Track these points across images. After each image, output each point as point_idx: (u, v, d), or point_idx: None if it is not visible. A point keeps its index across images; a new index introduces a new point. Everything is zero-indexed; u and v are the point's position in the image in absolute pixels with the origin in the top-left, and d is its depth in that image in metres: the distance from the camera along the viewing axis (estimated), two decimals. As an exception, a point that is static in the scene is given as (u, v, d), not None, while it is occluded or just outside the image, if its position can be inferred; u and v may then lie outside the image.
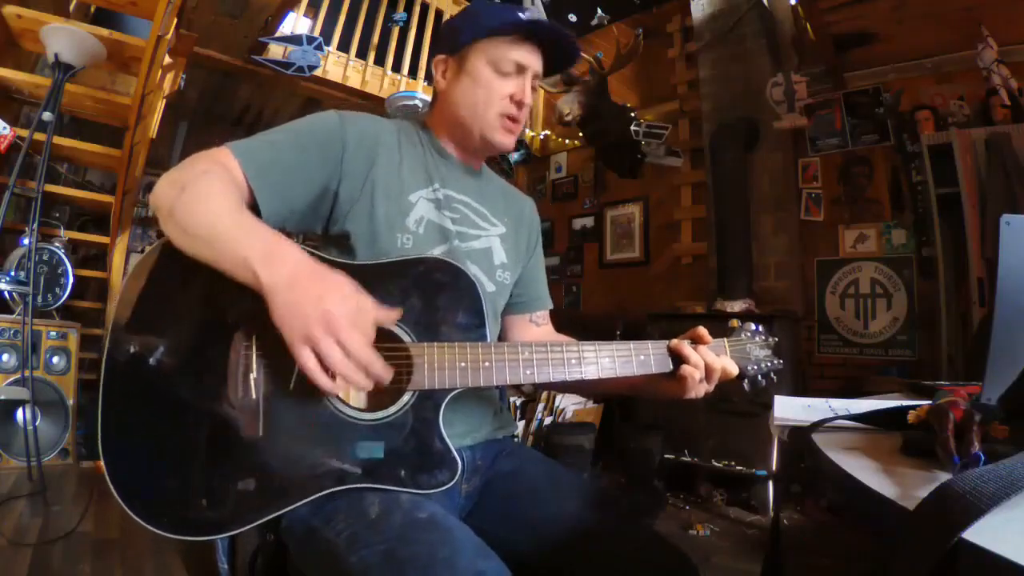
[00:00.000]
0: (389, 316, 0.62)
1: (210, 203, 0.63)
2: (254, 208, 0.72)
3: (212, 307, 0.65)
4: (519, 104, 0.84)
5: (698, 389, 0.79)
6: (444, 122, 0.90)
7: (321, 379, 0.57)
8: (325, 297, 0.57)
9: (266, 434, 0.63)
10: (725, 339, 0.86)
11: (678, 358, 0.79)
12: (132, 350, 0.63)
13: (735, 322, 0.90)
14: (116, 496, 0.58)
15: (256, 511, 0.62)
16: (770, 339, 0.90)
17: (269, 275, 0.57)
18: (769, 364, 0.87)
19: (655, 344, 0.79)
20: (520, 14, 0.83)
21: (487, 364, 0.69)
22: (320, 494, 0.64)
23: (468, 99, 0.85)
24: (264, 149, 0.73)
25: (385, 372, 0.59)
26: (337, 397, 0.66)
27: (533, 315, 1.01)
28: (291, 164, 0.74)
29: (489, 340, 0.74)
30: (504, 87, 0.83)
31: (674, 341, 0.80)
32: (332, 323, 0.56)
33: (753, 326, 0.90)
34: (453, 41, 0.87)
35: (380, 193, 0.79)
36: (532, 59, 0.84)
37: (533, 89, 0.87)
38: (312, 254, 0.70)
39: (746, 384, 0.86)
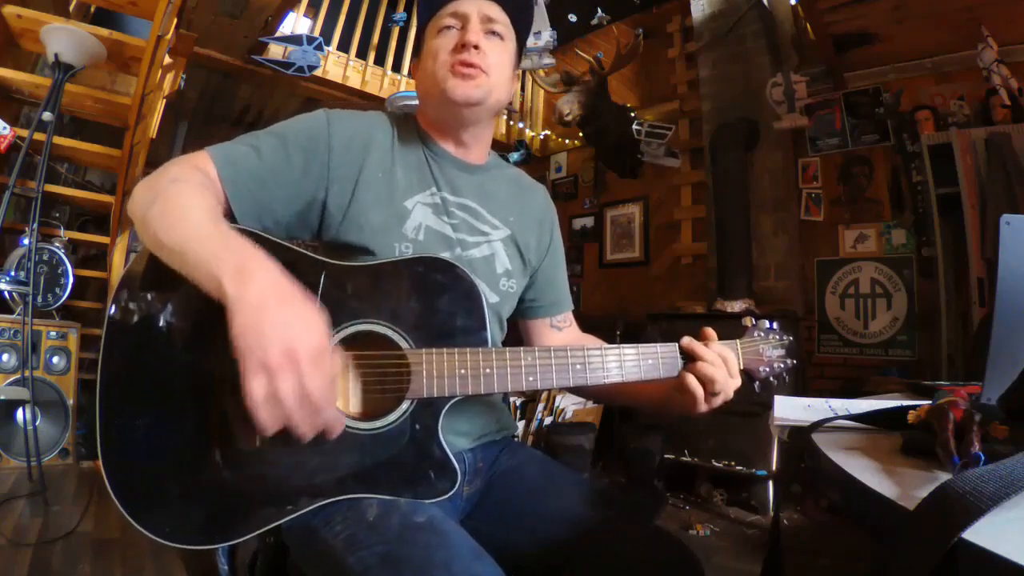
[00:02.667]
0: (339, 367, 0.57)
1: (181, 212, 0.59)
2: (230, 216, 0.70)
3: (206, 313, 0.62)
4: (464, 47, 0.78)
5: (715, 392, 0.73)
6: (423, 113, 0.86)
7: (263, 414, 0.50)
8: (292, 325, 0.52)
9: (264, 444, 0.62)
10: (737, 341, 0.81)
11: (690, 356, 0.74)
12: (127, 354, 0.61)
13: (748, 320, 0.85)
14: (118, 505, 0.58)
15: (254, 521, 0.61)
16: (785, 337, 0.86)
17: (236, 291, 0.53)
18: (782, 365, 0.84)
19: (663, 346, 0.75)
20: None
21: (488, 371, 0.67)
22: (318, 504, 0.63)
23: (424, 73, 0.82)
24: (244, 155, 0.70)
25: (337, 422, 0.55)
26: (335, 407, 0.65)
27: (553, 319, 0.96)
28: (271, 171, 0.71)
29: (491, 346, 0.71)
30: (446, 42, 0.79)
31: (685, 339, 0.75)
32: (294, 356, 0.50)
33: (767, 324, 0.86)
34: (417, 44, 0.87)
35: (372, 199, 0.76)
36: (471, 5, 0.80)
37: (496, 35, 0.81)
38: (304, 253, 0.68)
39: (757, 386, 0.82)
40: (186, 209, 0.60)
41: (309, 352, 0.51)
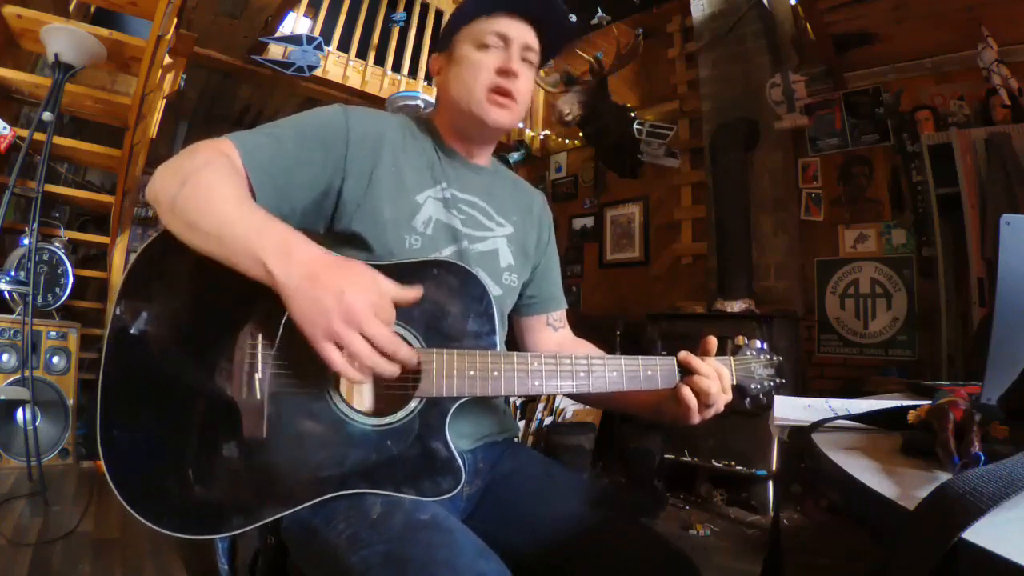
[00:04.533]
0: (408, 295, 0.62)
1: (216, 197, 0.61)
2: None
3: (215, 305, 0.65)
4: (506, 73, 0.81)
5: (708, 405, 0.76)
6: (444, 116, 0.88)
7: (350, 372, 0.57)
8: (346, 291, 0.56)
9: (270, 436, 0.62)
10: (731, 357, 0.84)
11: (687, 369, 0.76)
12: (131, 348, 0.62)
13: (741, 339, 0.89)
14: (117, 494, 0.58)
15: (258, 512, 0.62)
16: (775, 358, 0.90)
17: (285, 273, 0.56)
18: (772, 383, 0.87)
19: (663, 359, 0.77)
20: None
21: (496, 373, 0.68)
22: (322, 498, 0.63)
23: (457, 82, 0.83)
24: (267, 144, 0.72)
25: (411, 356, 0.60)
26: (344, 402, 0.66)
27: (549, 317, 0.99)
28: (293, 161, 0.73)
29: (498, 347, 0.73)
30: (488, 60, 0.81)
31: (683, 353, 0.78)
32: (355, 316, 0.56)
33: (759, 344, 0.89)
34: (444, 38, 0.87)
35: (385, 193, 0.78)
36: (515, 28, 0.82)
37: (528, 63, 0.84)
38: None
39: (748, 403, 0.85)
40: (220, 193, 0.61)
41: (365, 307, 0.57)
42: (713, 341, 0.79)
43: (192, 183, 0.62)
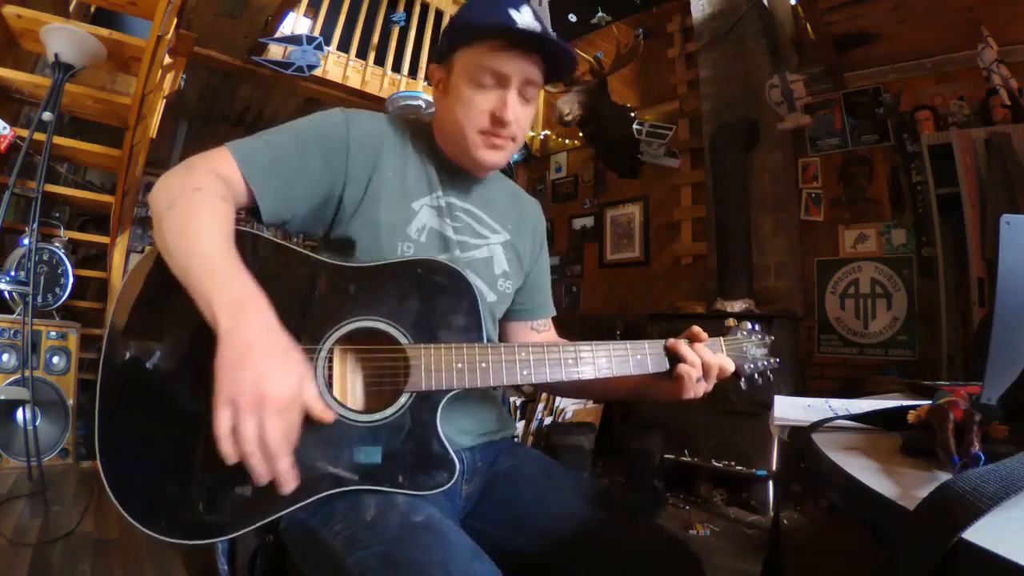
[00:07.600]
0: (325, 416, 0.60)
1: (193, 230, 0.61)
2: (253, 210, 0.72)
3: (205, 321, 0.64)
4: (499, 121, 0.77)
5: (696, 388, 0.80)
6: (442, 133, 0.85)
7: (226, 447, 0.53)
8: (267, 376, 0.54)
9: None
10: (721, 338, 0.86)
11: (675, 357, 0.80)
12: (129, 354, 0.62)
13: (731, 321, 0.90)
14: (114, 500, 0.58)
15: (254, 514, 0.62)
16: (767, 338, 0.91)
17: (228, 328, 0.55)
18: (766, 363, 0.88)
19: (651, 343, 0.80)
20: (512, 11, 0.75)
21: (484, 365, 0.69)
22: (318, 496, 0.63)
23: (451, 116, 0.80)
24: (264, 150, 0.72)
25: (288, 476, 0.55)
26: (336, 400, 0.66)
27: (535, 323, 1.00)
28: (292, 167, 0.73)
29: (486, 342, 0.73)
30: (482, 102, 0.77)
31: (671, 340, 0.81)
32: (262, 404, 0.53)
33: (750, 325, 0.90)
34: (443, 47, 0.82)
35: (383, 199, 0.78)
36: (516, 67, 0.76)
37: (528, 100, 0.79)
38: (308, 255, 0.70)
39: (743, 383, 0.87)
40: (198, 227, 0.61)
41: (277, 402, 0.54)
42: (696, 330, 0.82)
43: (177, 209, 0.62)
